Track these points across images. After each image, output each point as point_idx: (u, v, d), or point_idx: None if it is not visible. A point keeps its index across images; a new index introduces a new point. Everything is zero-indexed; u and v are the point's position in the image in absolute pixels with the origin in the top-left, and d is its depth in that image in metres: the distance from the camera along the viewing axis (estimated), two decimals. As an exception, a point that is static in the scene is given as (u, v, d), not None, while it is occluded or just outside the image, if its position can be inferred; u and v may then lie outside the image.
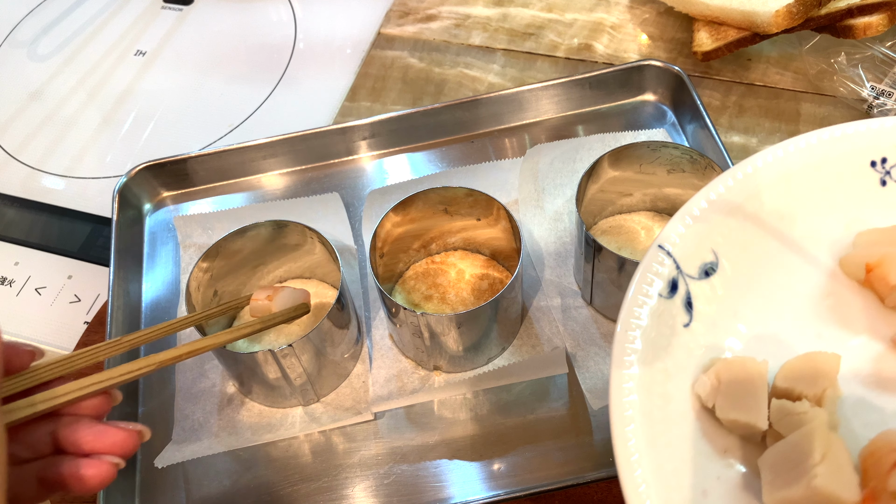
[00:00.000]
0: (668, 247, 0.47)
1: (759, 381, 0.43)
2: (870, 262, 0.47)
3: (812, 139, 0.50)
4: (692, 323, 0.46)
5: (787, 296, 0.48)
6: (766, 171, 0.49)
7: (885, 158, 0.50)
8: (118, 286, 0.60)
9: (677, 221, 0.48)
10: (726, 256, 0.48)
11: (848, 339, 0.47)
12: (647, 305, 0.45)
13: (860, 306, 0.48)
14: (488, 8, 0.81)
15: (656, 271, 0.46)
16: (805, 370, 0.43)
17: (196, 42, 0.84)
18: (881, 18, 0.64)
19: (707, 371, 0.44)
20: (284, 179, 0.68)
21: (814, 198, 0.50)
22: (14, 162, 0.76)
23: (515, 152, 0.67)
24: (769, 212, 0.49)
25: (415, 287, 0.58)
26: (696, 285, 0.47)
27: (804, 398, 0.42)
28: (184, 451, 0.52)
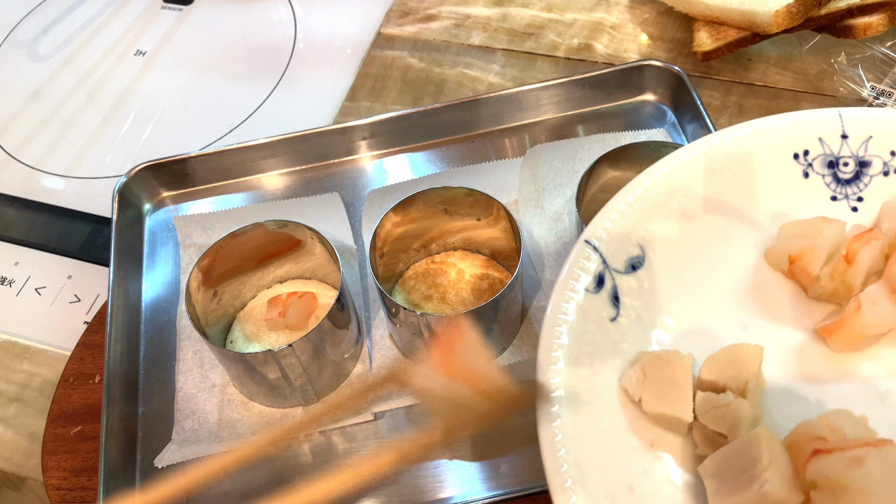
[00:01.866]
0: (594, 242, 0.47)
1: (684, 375, 0.43)
2: (792, 253, 0.47)
3: (737, 132, 0.51)
4: (619, 317, 0.46)
5: (713, 288, 0.48)
6: (691, 166, 0.50)
7: (807, 151, 0.51)
8: (118, 286, 0.60)
9: (604, 216, 0.48)
10: (653, 250, 0.48)
11: (773, 330, 0.47)
12: (573, 300, 0.45)
13: (785, 298, 0.48)
14: (488, 8, 0.81)
15: (583, 266, 0.46)
16: (729, 362, 0.43)
17: (196, 42, 0.84)
18: (881, 18, 0.64)
19: (633, 365, 0.44)
20: (284, 179, 0.68)
21: (739, 191, 0.50)
22: (14, 162, 0.76)
23: (515, 152, 0.67)
24: (695, 205, 0.49)
25: (415, 287, 0.58)
26: (623, 279, 0.47)
27: (728, 390, 0.42)
28: (184, 451, 0.52)
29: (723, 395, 0.42)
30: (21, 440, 0.58)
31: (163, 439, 0.54)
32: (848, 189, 0.50)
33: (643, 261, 0.48)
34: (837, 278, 0.46)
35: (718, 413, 0.41)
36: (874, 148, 0.50)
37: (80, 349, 0.60)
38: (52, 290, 0.66)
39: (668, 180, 0.49)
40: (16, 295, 0.66)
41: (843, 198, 0.50)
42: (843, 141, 0.51)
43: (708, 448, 0.42)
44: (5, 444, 0.58)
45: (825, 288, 0.47)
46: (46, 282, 0.66)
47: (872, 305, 0.44)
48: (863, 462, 0.36)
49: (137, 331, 0.60)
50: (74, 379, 0.59)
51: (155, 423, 0.56)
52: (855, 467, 0.36)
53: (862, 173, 0.50)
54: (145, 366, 0.58)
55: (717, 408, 0.41)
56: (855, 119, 0.51)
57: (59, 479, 0.55)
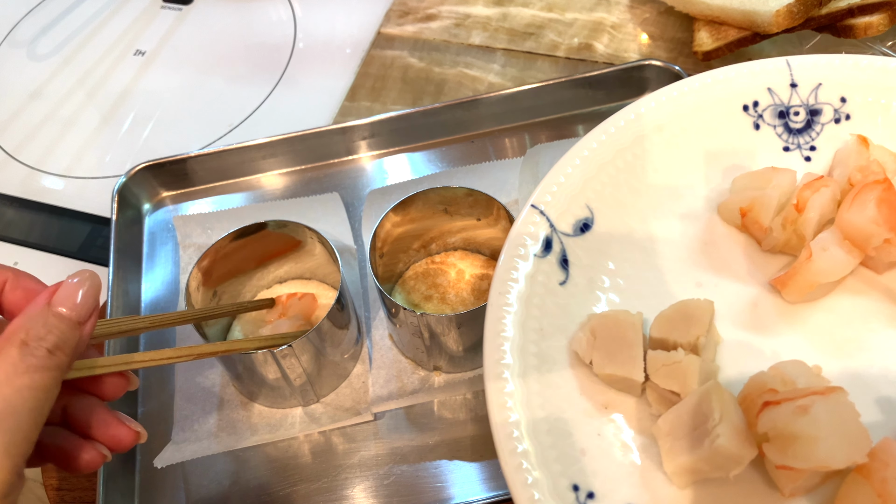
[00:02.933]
0: (541, 206, 0.46)
1: (633, 334, 0.42)
2: (743, 206, 0.47)
3: (683, 87, 0.50)
4: (568, 280, 0.45)
5: (665, 246, 0.48)
6: (638, 123, 0.49)
7: (756, 102, 0.50)
8: (117, 286, 0.60)
9: (551, 180, 0.47)
10: (601, 211, 0.47)
11: (727, 285, 0.46)
12: (521, 266, 0.45)
13: (739, 252, 0.48)
14: (488, 7, 0.81)
15: (529, 231, 0.46)
16: (678, 319, 0.43)
17: (195, 42, 0.84)
18: (882, 18, 0.64)
19: (583, 327, 0.44)
20: (284, 179, 0.68)
21: (689, 146, 0.50)
22: (13, 162, 0.75)
23: (515, 152, 0.67)
24: (644, 163, 0.49)
25: (415, 287, 0.58)
26: (572, 242, 0.46)
27: (679, 347, 0.42)
28: (183, 452, 0.52)
29: (673, 353, 0.41)
30: (20, 440, 0.58)
31: (162, 439, 0.54)
32: (800, 139, 0.50)
33: (592, 222, 0.47)
34: (789, 228, 0.45)
35: (669, 371, 0.41)
36: (824, 95, 0.50)
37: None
38: (51, 291, 0.65)
39: (614, 140, 0.48)
40: (15, 295, 0.66)
41: (795, 148, 0.50)
42: (793, 90, 0.50)
43: (662, 407, 0.41)
44: (4, 444, 0.58)
45: (778, 239, 0.46)
46: (46, 282, 0.66)
47: (823, 253, 0.44)
48: (808, 410, 0.36)
49: (137, 331, 0.60)
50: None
51: (154, 424, 0.56)
52: (801, 415, 0.36)
53: (813, 122, 0.50)
54: (145, 366, 0.58)
55: (667, 365, 0.41)
56: (803, 67, 0.50)
57: (59, 480, 0.54)
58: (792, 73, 0.50)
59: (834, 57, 0.50)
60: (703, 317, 0.42)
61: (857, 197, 0.44)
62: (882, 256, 0.44)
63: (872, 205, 0.43)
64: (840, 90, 0.50)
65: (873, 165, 0.46)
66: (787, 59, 0.50)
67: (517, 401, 0.41)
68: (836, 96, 0.50)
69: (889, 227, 0.43)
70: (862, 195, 0.44)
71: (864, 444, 0.36)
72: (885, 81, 0.49)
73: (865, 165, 0.46)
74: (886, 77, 0.49)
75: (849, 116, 0.50)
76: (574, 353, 0.43)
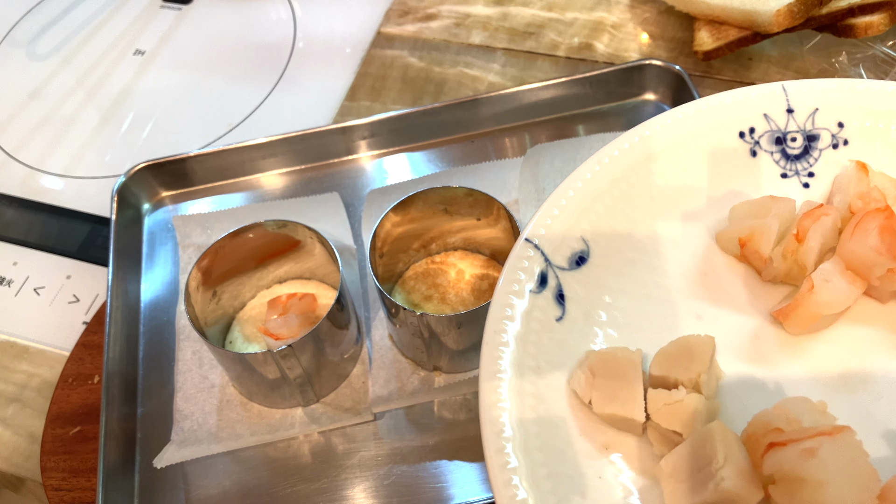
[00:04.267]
0: (535, 240, 0.45)
1: (633, 372, 0.41)
2: (742, 236, 0.46)
3: (678, 115, 0.49)
4: (565, 316, 0.44)
5: (663, 278, 0.47)
6: (632, 153, 0.48)
7: (752, 128, 0.49)
8: (117, 286, 0.60)
9: (544, 213, 0.46)
10: (597, 243, 0.46)
11: (728, 317, 0.45)
12: (516, 303, 0.43)
13: (739, 282, 0.46)
14: (488, 7, 0.81)
15: (524, 266, 0.44)
16: (679, 356, 0.41)
17: (195, 41, 0.84)
18: (882, 18, 0.64)
19: (581, 365, 0.42)
20: (284, 179, 0.68)
21: (685, 174, 0.49)
22: (13, 161, 0.75)
23: (515, 152, 0.67)
24: (639, 193, 0.48)
25: (415, 287, 0.58)
26: (568, 276, 0.45)
27: (680, 385, 0.40)
28: (183, 452, 0.52)
29: (675, 391, 0.40)
30: (20, 441, 0.58)
31: (162, 440, 0.54)
32: (798, 165, 0.49)
33: (588, 255, 0.46)
34: (790, 258, 0.44)
35: (671, 410, 0.39)
36: (821, 120, 0.49)
37: (78, 349, 0.60)
38: (50, 291, 0.66)
39: (608, 170, 0.47)
40: (14, 295, 0.66)
41: (793, 174, 0.49)
42: (789, 115, 0.49)
43: (664, 447, 0.40)
44: (4, 444, 0.58)
45: (778, 269, 0.45)
46: (45, 282, 0.66)
47: (826, 284, 0.42)
48: (816, 453, 0.35)
49: (136, 331, 0.60)
50: (73, 379, 0.58)
51: (154, 424, 0.56)
52: (809, 458, 0.35)
53: (811, 147, 0.49)
54: (144, 366, 0.58)
55: (668, 405, 0.39)
56: (799, 92, 0.49)
57: (58, 480, 0.54)
58: (788, 98, 0.49)
59: (830, 81, 0.50)
60: (703, 353, 0.41)
61: (859, 226, 0.43)
62: (886, 286, 0.43)
63: (875, 233, 0.42)
64: (837, 115, 0.49)
65: (874, 192, 0.45)
66: (783, 84, 0.50)
67: (515, 445, 0.39)
68: (833, 121, 0.49)
69: (892, 256, 0.42)
70: (863, 224, 0.43)
71: (874, 486, 0.35)
72: (882, 105, 0.49)
73: (866, 192, 0.45)
74: (884, 101, 0.49)
75: (847, 142, 0.49)
76: (573, 392, 0.42)
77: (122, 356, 0.57)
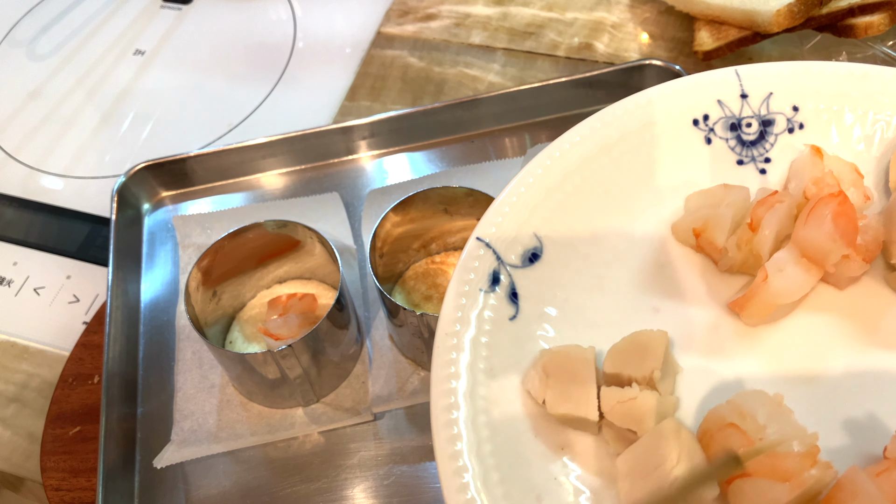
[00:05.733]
0: (486, 238, 0.44)
1: (586, 370, 0.40)
2: (696, 227, 0.45)
3: (629, 105, 0.48)
4: (518, 315, 0.43)
5: (619, 271, 0.46)
6: (584, 146, 0.47)
7: (706, 115, 0.48)
8: (117, 286, 0.60)
9: (495, 210, 0.45)
10: (551, 239, 0.45)
11: (685, 309, 0.44)
12: (467, 304, 0.42)
13: (696, 273, 0.46)
14: (488, 7, 0.81)
15: (474, 266, 0.43)
16: (632, 352, 0.40)
17: (195, 41, 0.84)
18: (882, 18, 0.64)
19: (535, 364, 0.41)
20: (284, 179, 0.68)
21: (639, 165, 0.48)
22: (13, 161, 0.75)
23: (515, 152, 0.67)
24: (592, 185, 0.47)
25: (414, 287, 0.58)
26: (521, 274, 0.44)
27: (634, 382, 0.39)
28: (183, 452, 0.52)
29: (628, 389, 0.39)
30: (20, 441, 0.58)
31: (162, 440, 0.54)
32: (754, 151, 0.48)
33: (541, 251, 0.45)
34: (745, 248, 0.43)
35: (624, 408, 0.38)
36: (776, 105, 0.48)
37: (78, 349, 0.60)
38: (50, 291, 0.66)
39: (560, 164, 0.46)
40: (14, 295, 0.66)
41: (749, 160, 0.48)
42: (744, 101, 0.48)
43: (620, 445, 0.39)
44: (4, 444, 0.58)
45: (734, 259, 0.44)
46: (45, 282, 0.66)
47: (779, 273, 0.42)
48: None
49: (136, 331, 0.60)
50: (73, 379, 0.58)
51: (154, 424, 0.56)
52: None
53: (766, 132, 0.48)
54: (144, 366, 0.58)
55: (622, 403, 0.39)
56: (753, 76, 0.49)
57: (58, 480, 0.54)
58: (741, 84, 0.49)
59: (783, 65, 0.49)
60: (657, 349, 0.40)
61: (813, 212, 0.42)
62: (842, 272, 0.43)
63: (829, 220, 0.41)
64: (791, 99, 0.48)
65: (828, 178, 0.45)
66: (735, 69, 0.49)
67: (468, 450, 0.38)
68: (787, 105, 0.48)
69: (847, 242, 0.41)
70: (817, 210, 0.42)
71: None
72: (835, 87, 0.48)
73: (820, 177, 0.45)
74: (837, 83, 0.48)
75: (802, 125, 0.48)
76: (527, 393, 0.41)
77: (122, 356, 0.57)
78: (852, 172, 0.46)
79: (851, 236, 0.42)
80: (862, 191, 0.45)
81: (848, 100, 0.48)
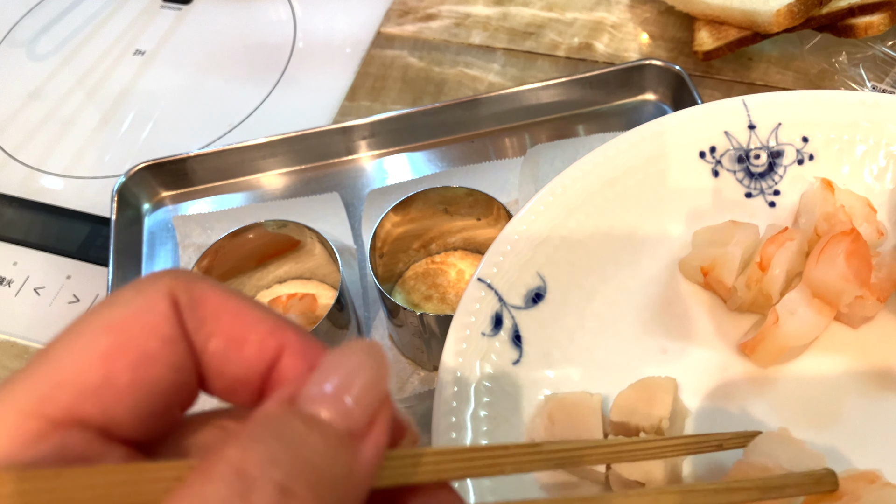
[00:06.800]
0: (487, 279, 0.42)
1: (593, 419, 0.39)
2: (704, 265, 0.43)
3: (634, 138, 0.47)
4: (522, 358, 0.41)
5: (625, 310, 0.44)
6: (587, 180, 0.46)
7: (713, 147, 0.47)
8: (117, 286, 0.60)
9: (495, 250, 0.43)
10: (555, 278, 0.43)
11: (694, 350, 0.43)
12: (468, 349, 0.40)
13: (704, 311, 0.44)
14: (488, 7, 0.81)
15: (475, 309, 0.42)
16: (639, 400, 0.39)
17: (195, 41, 0.84)
18: (882, 18, 0.64)
19: (540, 412, 0.40)
20: (284, 179, 0.68)
21: (645, 199, 0.46)
22: (12, 161, 0.75)
23: (515, 152, 0.67)
24: (597, 221, 0.45)
25: (415, 287, 0.58)
26: (523, 315, 0.42)
27: (641, 431, 0.38)
28: (183, 452, 0.52)
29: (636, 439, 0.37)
30: (20, 441, 0.58)
31: (162, 440, 0.54)
32: (762, 183, 0.47)
33: (545, 291, 0.43)
34: (754, 287, 0.42)
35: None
36: (785, 135, 0.47)
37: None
38: (50, 291, 0.65)
39: (563, 200, 0.45)
40: (14, 295, 0.66)
41: (758, 193, 0.47)
42: (751, 132, 0.47)
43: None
44: (4, 444, 0.58)
45: (743, 299, 0.43)
46: (45, 282, 0.66)
47: (791, 316, 0.40)
48: None
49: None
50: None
51: (154, 424, 0.56)
52: None
53: (775, 164, 0.47)
54: (144, 366, 0.58)
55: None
56: (760, 106, 0.47)
57: (58, 480, 0.54)
58: (749, 114, 0.47)
59: (791, 94, 0.48)
60: (664, 397, 0.39)
61: (825, 252, 0.41)
62: (856, 312, 0.42)
63: (841, 259, 0.40)
64: (801, 129, 0.47)
65: (840, 213, 0.43)
66: (742, 98, 0.47)
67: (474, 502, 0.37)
68: (797, 136, 0.47)
69: (860, 282, 0.40)
70: (829, 249, 0.41)
71: None
72: (846, 117, 0.47)
73: (832, 213, 0.44)
74: (847, 112, 0.47)
75: (812, 156, 0.47)
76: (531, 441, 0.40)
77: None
78: (864, 206, 0.45)
79: (865, 276, 0.40)
80: (875, 226, 0.44)
81: (859, 130, 0.47)
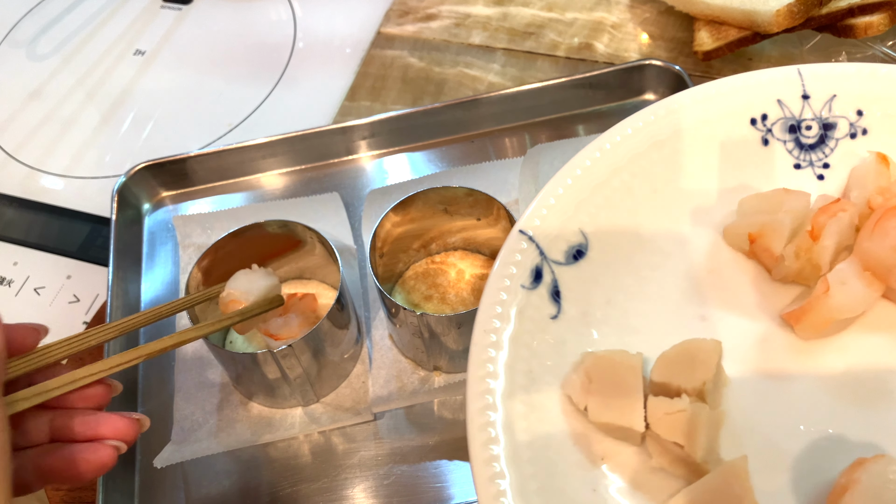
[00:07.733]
0: (529, 231, 0.41)
1: (633, 378, 0.38)
2: (752, 231, 0.42)
3: (684, 99, 0.46)
4: (560, 314, 0.41)
5: (666, 275, 0.43)
6: (635, 139, 0.45)
7: (765, 115, 0.46)
8: (117, 286, 0.60)
9: (539, 203, 0.42)
10: (596, 237, 0.43)
11: (734, 319, 0.42)
12: (507, 300, 0.40)
13: (747, 281, 0.43)
14: (488, 7, 0.81)
15: (516, 261, 0.41)
16: (682, 361, 0.38)
17: (195, 41, 0.84)
18: (882, 18, 0.64)
19: (577, 368, 0.39)
20: (284, 179, 0.68)
21: (691, 164, 0.45)
22: (13, 162, 0.75)
23: (515, 152, 0.67)
24: (642, 182, 0.44)
25: (415, 287, 0.58)
26: (564, 271, 0.41)
27: (683, 393, 0.37)
28: (183, 452, 0.52)
29: (677, 400, 0.37)
30: (20, 441, 0.58)
31: (162, 439, 0.54)
32: (812, 155, 0.46)
33: (586, 249, 0.42)
34: (803, 257, 0.41)
35: (673, 420, 0.36)
36: (839, 108, 0.46)
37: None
38: (51, 290, 0.66)
39: (609, 157, 0.44)
40: (15, 295, 0.66)
41: (807, 165, 0.46)
42: (805, 102, 0.46)
43: (664, 459, 0.37)
44: (4, 444, 0.58)
45: (790, 268, 0.42)
46: (45, 282, 0.66)
47: (842, 287, 0.39)
48: None
49: (136, 331, 0.60)
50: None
51: (154, 424, 0.55)
52: None
53: (827, 137, 0.46)
54: (144, 366, 0.58)
55: (670, 414, 0.36)
56: (816, 77, 0.46)
57: (58, 480, 0.54)
58: (804, 84, 0.46)
59: (850, 66, 0.46)
60: (709, 360, 0.38)
61: (879, 224, 0.40)
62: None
63: (895, 233, 0.39)
64: (857, 102, 0.46)
65: (894, 187, 0.42)
66: (798, 67, 0.46)
67: (505, 456, 0.37)
68: (852, 109, 0.46)
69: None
70: (883, 222, 0.40)
71: None
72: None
73: (886, 187, 0.42)
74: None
75: (866, 131, 0.46)
76: (567, 398, 0.39)
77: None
78: None
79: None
80: None
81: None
